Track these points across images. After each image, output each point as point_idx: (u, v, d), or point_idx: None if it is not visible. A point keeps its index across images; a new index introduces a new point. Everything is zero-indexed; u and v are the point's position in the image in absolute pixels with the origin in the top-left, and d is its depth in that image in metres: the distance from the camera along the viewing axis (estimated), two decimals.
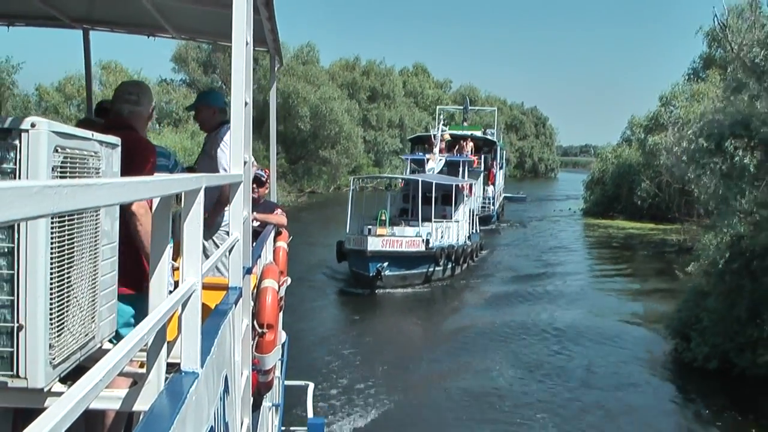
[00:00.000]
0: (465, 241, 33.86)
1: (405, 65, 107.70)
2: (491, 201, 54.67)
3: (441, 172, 39.68)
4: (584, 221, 59.62)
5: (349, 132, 72.16)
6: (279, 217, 7.98)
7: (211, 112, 6.35)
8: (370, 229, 28.84)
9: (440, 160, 40.96)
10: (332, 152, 71.37)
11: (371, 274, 27.91)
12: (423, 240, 29.32)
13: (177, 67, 75.34)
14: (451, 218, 33.60)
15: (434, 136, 44.37)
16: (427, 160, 40.77)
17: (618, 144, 67.36)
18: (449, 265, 31.56)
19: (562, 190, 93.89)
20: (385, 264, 28.20)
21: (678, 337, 19.19)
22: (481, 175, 53.03)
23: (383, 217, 30.02)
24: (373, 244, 27.92)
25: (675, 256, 33.56)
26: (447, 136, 46.00)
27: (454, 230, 32.69)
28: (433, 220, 30.82)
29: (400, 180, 37.70)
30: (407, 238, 29.13)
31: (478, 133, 57.13)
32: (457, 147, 51.42)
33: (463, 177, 40.59)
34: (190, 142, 50.24)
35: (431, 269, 30.24)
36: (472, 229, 36.71)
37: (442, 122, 47.03)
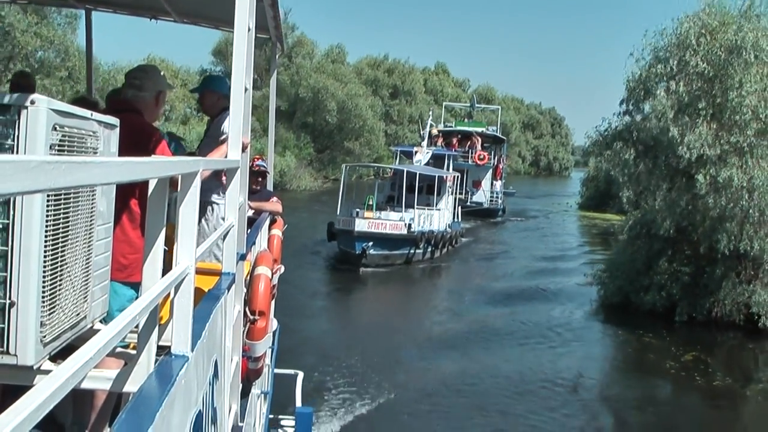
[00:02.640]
0: (446, 228, 36.70)
1: (427, 64, 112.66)
2: (498, 195, 56.94)
3: (428, 164, 41.92)
4: (578, 214, 64.23)
5: (372, 126, 77.35)
6: (274, 204, 7.97)
7: (215, 97, 6.34)
8: (358, 212, 31.65)
9: (427, 152, 43.16)
10: (356, 144, 76.30)
11: (357, 252, 30.48)
12: (405, 224, 32.33)
13: (216, 60, 78.04)
14: (434, 206, 36.60)
15: (422, 129, 47.48)
16: (415, 152, 42.77)
17: None
18: (429, 249, 34.54)
19: (570, 188, 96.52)
20: (370, 244, 30.82)
21: (599, 283, 26.76)
22: (490, 170, 56.13)
23: (370, 202, 33.20)
24: (360, 226, 30.76)
25: None
26: (435, 131, 48.63)
27: (435, 217, 35.58)
28: (415, 207, 33.79)
29: (390, 170, 40.88)
30: (391, 222, 32.09)
31: (481, 129, 59.43)
32: (469, 143, 55.34)
33: (448, 170, 42.99)
34: None
35: (412, 251, 33.18)
36: (455, 218, 40.09)
37: (430, 117, 49.52)
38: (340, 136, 75.03)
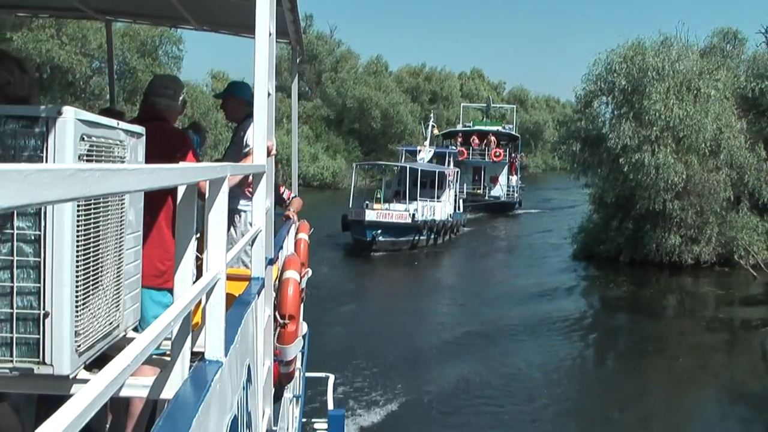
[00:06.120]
0: (447, 218, 41.12)
1: (464, 69, 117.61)
2: (514, 189, 59.98)
3: (430, 161, 46.12)
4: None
5: (413, 130, 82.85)
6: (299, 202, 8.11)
7: (237, 103, 6.38)
8: (367, 204, 35.95)
9: (430, 151, 47.19)
10: (398, 147, 79.67)
11: (368, 239, 34.57)
12: (410, 214, 36.56)
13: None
14: (435, 199, 40.61)
15: (425, 130, 51.39)
16: (419, 150, 46.62)
17: None
18: (432, 236, 38.86)
19: None
20: (379, 231, 34.85)
21: (573, 241, 35.59)
22: (506, 166, 59.74)
23: (378, 195, 38.31)
24: (370, 216, 34.95)
25: None
26: (436, 131, 53.61)
27: (437, 208, 39.99)
28: (418, 199, 38.20)
29: (396, 167, 44.54)
30: (397, 212, 36.41)
31: (496, 128, 63.60)
32: (485, 141, 59.83)
33: (449, 166, 46.93)
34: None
35: (416, 238, 37.39)
36: (456, 209, 44.29)
37: (432, 119, 53.68)
38: (384, 139, 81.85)
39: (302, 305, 6.34)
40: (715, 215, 31.32)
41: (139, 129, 3.03)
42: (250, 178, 5.18)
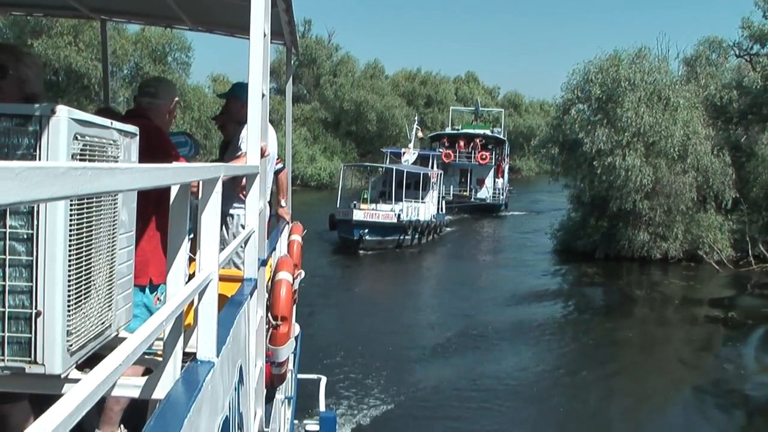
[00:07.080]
0: (431, 219, 42.10)
1: (459, 74, 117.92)
2: (500, 192, 60.41)
3: (414, 163, 47.11)
4: None
5: (407, 133, 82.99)
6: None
7: (238, 105, 6.27)
8: (355, 204, 37.01)
9: (414, 153, 48.38)
10: (383, 149, 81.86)
11: (355, 238, 35.74)
12: (395, 214, 37.69)
13: (270, 78, 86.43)
14: (419, 200, 41.58)
15: (409, 133, 52.77)
16: (403, 153, 47.57)
17: None
18: (416, 236, 39.97)
19: None
20: (366, 231, 36.16)
21: (552, 237, 38.43)
22: (492, 169, 60.41)
23: (365, 196, 39.47)
24: (357, 215, 36.06)
25: None
26: (420, 134, 54.71)
27: (422, 209, 41.10)
28: (403, 200, 39.77)
29: (381, 169, 46.43)
30: (383, 212, 37.54)
31: (483, 132, 64.38)
32: (471, 144, 60.63)
33: (432, 168, 48.14)
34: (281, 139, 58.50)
35: (401, 237, 38.50)
36: (440, 210, 45.33)
37: (416, 122, 55.35)
38: (380, 142, 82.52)
39: (294, 307, 6.33)
40: (682, 215, 33.94)
41: (132, 129, 3.02)
42: (244, 181, 5.18)
